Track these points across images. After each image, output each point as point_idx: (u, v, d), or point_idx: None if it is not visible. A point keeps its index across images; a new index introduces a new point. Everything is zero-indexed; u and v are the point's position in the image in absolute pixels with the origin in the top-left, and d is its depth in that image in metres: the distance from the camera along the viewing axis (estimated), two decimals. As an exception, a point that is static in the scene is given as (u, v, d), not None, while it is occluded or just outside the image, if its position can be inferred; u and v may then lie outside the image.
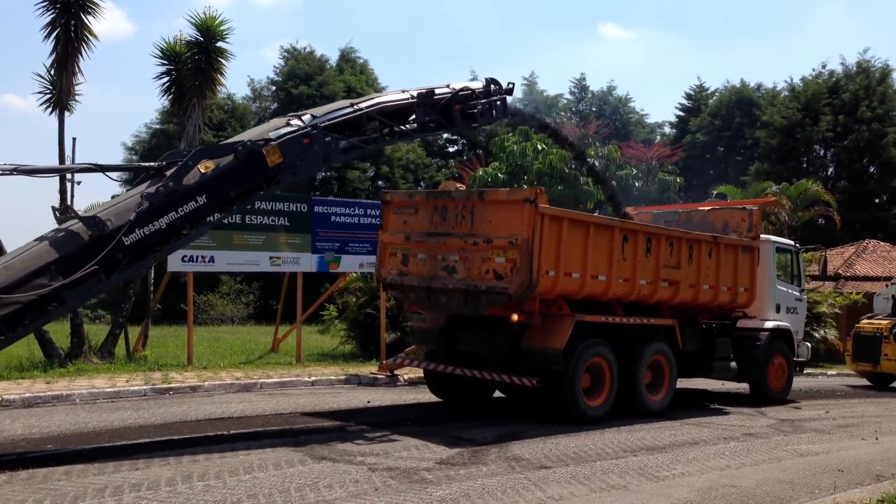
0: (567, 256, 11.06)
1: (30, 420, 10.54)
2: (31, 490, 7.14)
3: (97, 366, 15.36)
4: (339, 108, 11.13)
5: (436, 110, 11.98)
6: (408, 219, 12.00)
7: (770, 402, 14.84)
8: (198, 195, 9.48)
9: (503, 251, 10.73)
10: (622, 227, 12.07)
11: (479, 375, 11.70)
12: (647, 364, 12.44)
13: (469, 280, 11.07)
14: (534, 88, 60.82)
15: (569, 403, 11.28)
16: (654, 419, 12.39)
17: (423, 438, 9.97)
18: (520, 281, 10.57)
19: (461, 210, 11.34)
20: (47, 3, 15.65)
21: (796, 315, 16.17)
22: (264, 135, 10.18)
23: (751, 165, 49.01)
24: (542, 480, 8.10)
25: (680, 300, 13.04)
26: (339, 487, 7.50)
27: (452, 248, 11.31)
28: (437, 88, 12.13)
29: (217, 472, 7.91)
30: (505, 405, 13.21)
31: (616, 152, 32.17)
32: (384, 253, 12.23)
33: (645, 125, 61.25)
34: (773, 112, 50.02)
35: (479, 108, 12.53)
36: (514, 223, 10.72)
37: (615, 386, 11.85)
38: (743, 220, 14.55)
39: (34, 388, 12.60)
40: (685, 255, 12.91)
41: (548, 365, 11.08)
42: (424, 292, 11.74)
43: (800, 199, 28.73)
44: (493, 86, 12.93)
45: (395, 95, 11.95)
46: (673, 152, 38.64)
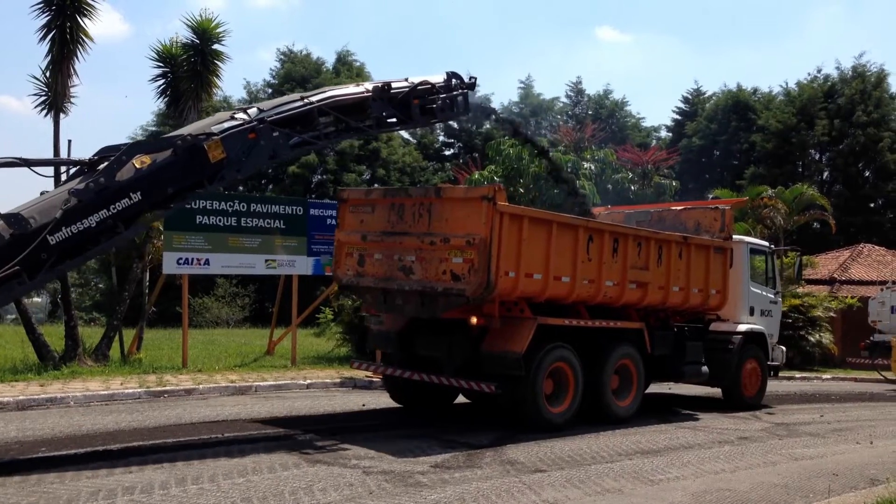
0: (528, 257, 10.61)
1: (24, 423, 10.51)
2: (24, 493, 7.12)
3: (91, 368, 15.32)
4: (288, 101, 10.72)
5: (393, 105, 11.50)
6: (364, 217, 11.53)
7: (743, 407, 14.44)
8: (132, 192, 8.92)
9: (461, 251, 10.27)
10: (587, 227, 11.62)
11: (436, 381, 11.27)
12: (613, 369, 12.06)
13: (426, 281, 10.60)
14: (530, 92, 60.93)
15: (529, 410, 10.83)
16: (650, 423, 12.40)
17: (418, 441, 9.96)
18: (477, 282, 10.10)
19: (418, 208, 10.87)
20: (43, 4, 15.62)
21: (771, 318, 15.79)
22: (206, 129, 9.70)
23: (746, 169, 49.11)
24: (536, 484, 8.09)
25: (648, 302, 12.66)
26: (333, 491, 7.49)
27: (409, 247, 10.83)
28: (394, 82, 11.69)
29: (211, 475, 7.90)
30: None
31: (612, 156, 32.14)
32: (340, 253, 11.78)
33: (641, 129, 61.31)
34: (768, 116, 50.15)
35: (440, 103, 11.99)
36: (471, 222, 10.25)
37: (579, 391, 11.42)
38: (715, 221, 14.18)
39: (28, 391, 12.57)
40: (654, 256, 12.52)
41: (508, 370, 10.64)
42: (381, 294, 11.28)
43: (795, 203, 28.74)
44: (454, 80, 12.40)
45: (349, 89, 11.47)
46: (669, 156, 38.61)
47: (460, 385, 11.10)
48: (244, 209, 16.68)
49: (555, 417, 11.08)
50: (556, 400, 11.20)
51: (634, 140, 51.20)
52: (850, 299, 27.80)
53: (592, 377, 11.68)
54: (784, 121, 48.40)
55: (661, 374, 13.61)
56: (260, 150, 9.96)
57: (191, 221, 16.07)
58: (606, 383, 11.90)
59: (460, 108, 12.55)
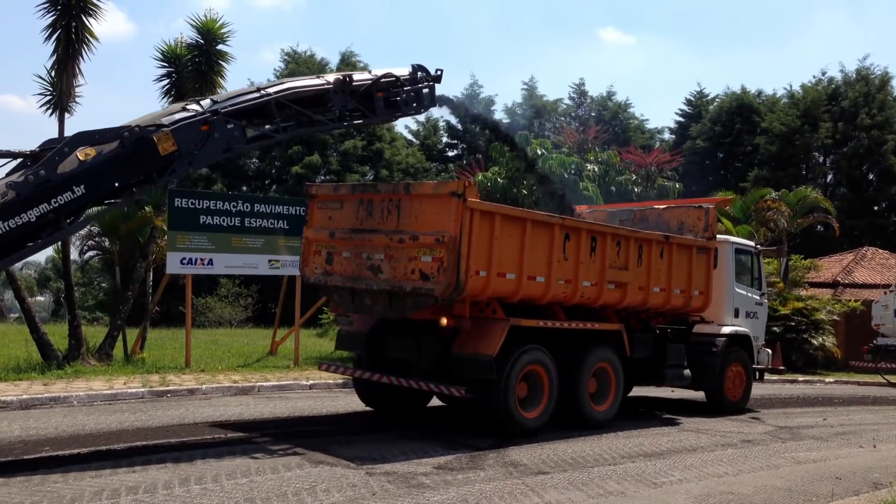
0: (501, 255, 10.24)
1: (27, 422, 10.53)
2: (28, 492, 7.13)
3: (95, 368, 15.35)
4: (243, 93, 10.34)
5: (356, 98, 11.11)
6: (333, 214, 11.17)
7: (726, 411, 14.15)
8: (75, 185, 8.53)
9: (430, 249, 9.90)
10: (563, 225, 11.18)
11: (405, 384, 10.83)
12: (590, 372, 11.64)
13: (394, 280, 10.24)
14: (533, 93, 60.91)
15: (501, 414, 10.41)
16: (653, 425, 12.39)
17: (420, 443, 9.96)
18: (446, 282, 9.73)
19: (387, 205, 10.50)
20: (48, 4, 15.64)
21: (756, 320, 15.43)
22: (156, 120, 9.28)
23: (750, 172, 49.05)
24: (539, 486, 8.09)
25: (628, 304, 12.28)
26: (336, 492, 7.49)
27: (378, 245, 10.47)
28: (356, 74, 11.43)
29: (214, 475, 7.90)
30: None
31: (615, 158, 32.14)
32: (308, 251, 11.39)
33: (644, 131, 61.25)
34: (772, 119, 50.09)
35: (404, 96, 11.66)
36: (441, 219, 9.88)
37: (554, 396, 11.01)
38: (699, 220, 13.80)
39: (32, 390, 12.59)
40: (634, 256, 12.14)
41: (479, 373, 10.23)
42: (349, 293, 10.88)
43: (799, 206, 28.71)
44: (420, 73, 12.03)
45: (308, 81, 11.11)
46: (672, 158, 38.56)
47: (429, 388, 10.75)
48: (248, 209, 16.71)
49: (528, 422, 10.67)
50: (530, 404, 10.80)
51: (638, 142, 51.16)
52: (853, 303, 27.77)
53: (569, 381, 11.30)
54: (788, 123, 48.35)
55: (641, 378, 13.29)
56: (214, 143, 9.64)
57: (194, 222, 16.11)
58: (583, 387, 11.50)
59: (426, 102, 12.19)
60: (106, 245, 18.09)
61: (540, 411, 10.87)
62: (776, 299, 26.36)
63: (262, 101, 10.23)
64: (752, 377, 14.94)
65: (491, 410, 10.48)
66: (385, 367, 11.38)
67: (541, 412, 10.87)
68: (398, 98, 11.66)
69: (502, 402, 10.33)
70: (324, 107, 11.03)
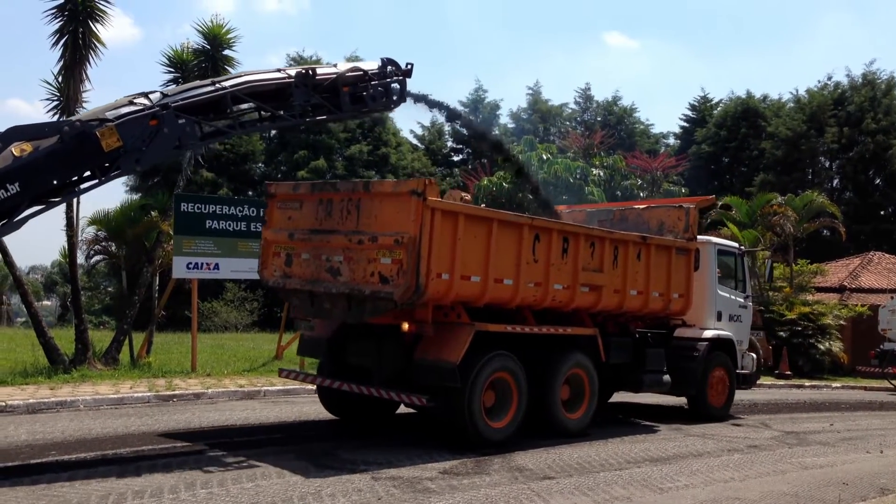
0: (465, 257, 9.77)
1: (34, 426, 10.55)
2: (34, 497, 7.15)
3: (101, 372, 15.37)
4: (197, 86, 9.88)
5: (320, 93, 10.65)
6: (292, 214, 10.71)
7: (709, 418, 13.70)
8: (8, 183, 8.10)
9: (389, 251, 9.47)
10: (532, 226, 10.69)
11: (365, 392, 10.42)
12: (563, 379, 11.15)
13: (353, 284, 9.79)
14: (538, 98, 60.97)
15: (464, 424, 9.89)
16: (658, 430, 12.37)
17: (426, 447, 9.96)
18: (406, 285, 9.29)
19: (347, 204, 10.03)
20: (55, 10, 15.70)
21: (740, 323, 14.95)
22: (100, 114, 8.78)
23: (755, 176, 48.98)
24: (545, 491, 8.09)
25: (603, 307, 11.81)
26: (342, 496, 7.49)
27: (337, 247, 10.02)
28: (321, 68, 10.94)
29: (220, 480, 7.91)
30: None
31: (621, 162, 32.20)
32: (267, 253, 10.91)
33: (650, 135, 61.25)
34: (778, 123, 50.04)
35: (371, 91, 11.13)
36: (400, 219, 9.43)
37: (523, 404, 10.50)
38: (679, 220, 13.33)
39: (38, 394, 12.61)
40: (609, 258, 11.66)
41: (442, 381, 9.75)
42: (307, 297, 10.44)
43: (805, 211, 28.67)
44: (389, 67, 11.51)
45: (268, 74, 10.58)
46: (678, 163, 38.58)
47: (389, 397, 10.20)
48: (254, 214, 16.73)
49: (494, 433, 10.16)
50: (498, 413, 10.32)
51: (643, 146, 51.14)
52: (859, 307, 27.68)
53: (540, 388, 10.86)
54: (794, 128, 48.29)
55: (617, 384, 12.97)
56: (163, 139, 9.13)
57: (201, 226, 16.15)
58: (555, 394, 11.03)
59: (396, 98, 11.67)
60: (112, 249, 18.10)
61: (508, 421, 10.37)
62: (782, 304, 26.34)
63: (216, 95, 9.74)
64: (736, 383, 14.50)
65: (455, 420, 9.99)
66: (347, 373, 10.94)
67: (509, 422, 10.37)
68: (365, 93, 11.14)
69: (466, 411, 9.83)
70: (286, 102, 10.56)
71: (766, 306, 25.34)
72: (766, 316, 24.54)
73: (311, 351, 11.87)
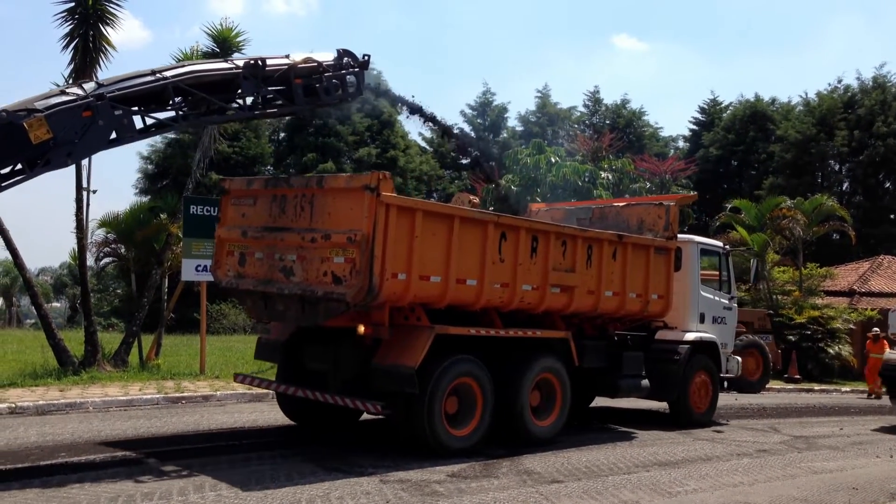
0: (424, 256, 9.29)
1: (43, 428, 10.58)
2: (44, 498, 7.18)
3: (110, 374, 15.42)
4: (136, 76, 9.30)
5: (271, 85, 10.22)
6: (246, 211, 10.23)
7: (690, 424, 13.17)
8: None
9: (342, 249, 8.97)
10: (499, 223, 10.17)
11: (320, 398, 9.92)
12: (532, 384, 10.59)
13: (306, 284, 9.31)
14: (547, 101, 60.95)
15: (425, 432, 9.40)
16: (668, 434, 12.33)
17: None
18: (358, 285, 8.80)
19: (300, 200, 9.56)
20: (66, 14, 15.78)
21: (724, 325, 14.41)
22: (29, 105, 8.25)
23: (765, 180, 48.89)
24: (553, 495, 8.08)
25: (576, 309, 11.30)
26: (350, 499, 7.50)
27: (291, 245, 9.53)
28: (271, 59, 10.43)
29: (229, 482, 7.92)
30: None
31: (630, 166, 32.15)
32: (221, 251, 10.43)
33: (659, 139, 61.15)
34: (787, 126, 49.93)
35: (325, 83, 10.74)
36: (353, 216, 8.96)
37: (488, 411, 10.00)
38: (659, 218, 12.78)
39: (48, 396, 12.66)
40: (582, 257, 11.14)
41: (400, 387, 9.23)
42: (261, 298, 9.97)
43: (814, 214, 28.59)
44: (346, 58, 11.12)
45: (214, 64, 10.20)
46: (686, 166, 38.53)
47: (344, 403, 9.63)
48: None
49: (455, 441, 9.69)
50: (461, 420, 9.85)
51: (652, 150, 51.07)
52: (869, 311, 27.59)
53: (507, 394, 10.33)
54: (803, 131, 48.18)
55: (592, 389, 12.57)
56: (98, 131, 8.64)
57: (210, 229, 16.09)
58: (523, 401, 10.46)
59: (352, 90, 11.27)
60: (122, 252, 18.18)
61: (472, 429, 9.91)
62: (792, 308, 26.26)
63: (157, 86, 9.25)
64: (719, 387, 14.05)
65: (413, 428, 9.51)
66: (304, 378, 10.49)
67: (472, 430, 9.91)
68: (318, 85, 10.76)
69: (426, 418, 9.34)
70: (235, 93, 10.15)
71: (775, 310, 25.28)
72: (776, 320, 24.48)
73: (267, 355, 11.38)
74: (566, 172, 28.07)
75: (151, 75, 9.32)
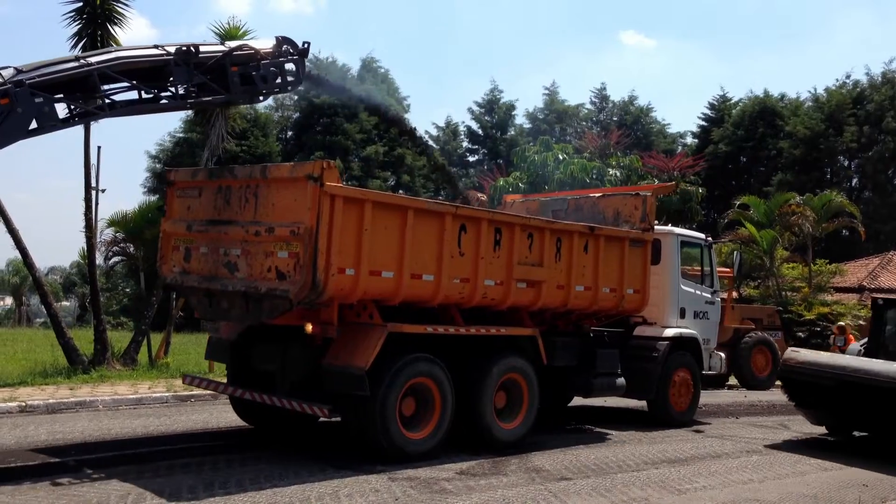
0: (374, 250, 8.78)
1: (53, 426, 10.63)
2: (54, 496, 7.21)
3: (120, 372, 15.49)
4: (58, 62, 8.87)
5: (203, 72, 9.81)
6: (192, 203, 9.73)
7: (670, 423, 12.64)
8: None
9: (286, 243, 8.51)
10: (457, 215, 9.64)
11: (267, 401, 9.43)
12: (496, 384, 10.06)
13: (250, 280, 8.84)
14: (555, 98, 60.93)
15: (378, 436, 8.88)
16: (676, 430, 12.30)
17: (443, 448, 9.92)
18: (301, 281, 8.32)
19: (245, 192, 9.08)
20: (74, 13, 15.84)
21: (707, 321, 13.87)
22: None
23: (774, 176, 48.75)
24: (562, 492, 8.07)
25: (545, 305, 10.74)
26: (359, 497, 7.51)
27: (235, 239, 9.06)
28: (204, 45, 10.13)
29: (238, 479, 7.94)
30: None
31: (638, 162, 32.10)
32: (166, 246, 9.96)
33: (667, 135, 61.02)
34: (796, 122, 49.76)
35: (262, 71, 10.36)
36: (297, 207, 8.49)
37: (448, 412, 9.48)
38: (636, 209, 12.19)
39: (58, 395, 12.72)
40: (550, 250, 10.58)
41: (350, 388, 8.73)
42: (205, 295, 9.52)
43: (824, 211, 28.50)
44: (285, 46, 10.79)
45: (142, 50, 9.66)
46: (695, 163, 38.40)
47: (291, 406, 9.11)
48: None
49: (412, 445, 9.17)
50: (419, 423, 9.36)
51: (660, 146, 51.01)
52: (879, 308, 27.47)
53: (469, 395, 9.81)
54: (812, 127, 48.03)
55: (563, 388, 12.02)
56: (16, 120, 8.27)
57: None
58: (485, 402, 9.93)
59: (292, 79, 10.96)
60: (130, 251, 18.26)
61: (429, 431, 9.39)
62: (801, 304, 26.18)
63: (81, 72, 8.83)
64: (700, 385, 13.51)
65: (366, 431, 8.99)
66: (254, 380, 10.01)
67: (430, 432, 9.39)
68: (255, 73, 10.36)
69: (378, 421, 8.83)
70: (166, 81, 9.73)
71: (784, 307, 25.21)
72: (785, 316, 24.41)
73: (217, 355, 10.99)
74: (574, 169, 28.03)
75: (75, 61, 8.96)
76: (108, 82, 9.16)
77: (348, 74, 51.33)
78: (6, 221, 15.60)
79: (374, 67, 53.06)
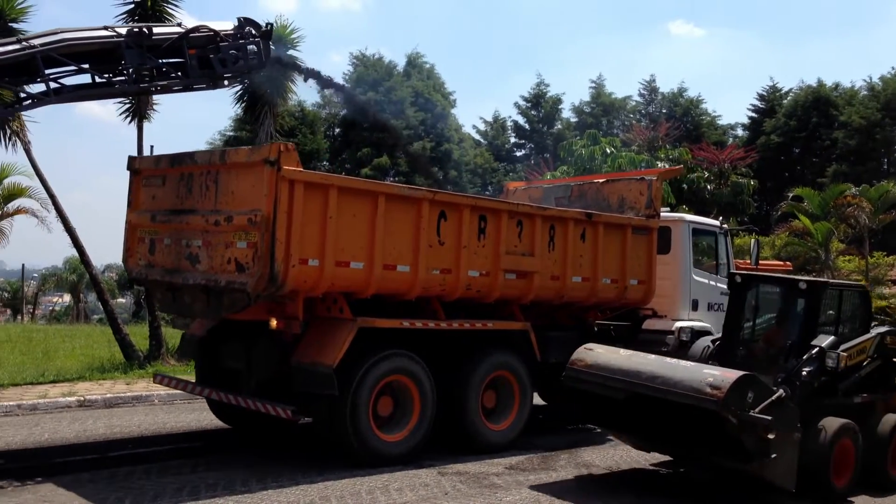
0: (341, 239, 8.27)
1: (111, 420, 10.87)
2: (112, 488, 7.38)
3: (174, 368, 15.74)
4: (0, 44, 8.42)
5: (159, 55, 9.31)
6: (156, 192, 9.24)
7: None
8: None
9: (245, 233, 8.00)
10: (435, 201, 9.05)
11: (233, 401, 8.96)
12: (483, 383, 9.44)
13: (210, 273, 8.35)
14: (602, 91, 60.37)
15: (348, 438, 8.36)
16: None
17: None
18: (259, 273, 7.82)
19: (206, 179, 8.55)
20: (126, 14, 16.10)
21: (722, 313, 11.93)
22: None
23: (828, 167, 47.67)
24: (611, 487, 8.02)
25: (537, 297, 10.09)
26: (409, 491, 7.55)
27: (196, 229, 8.57)
28: (158, 27, 9.67)
29: (290, 473, 8.04)
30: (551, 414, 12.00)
31: (687, 155, 31.66)
32: (132, 238, 9.46)
33: (717, 127, 59.95)
34: (851, 112, 48.57)
35: (222, 53, 9.78)
36: (255, 194, 7.98)
37: (428, 412, 8.92)
38: (641, 195, 11.47)
39: (115, 389, 12.99)
40: (542, 239, 9.95)
41: (318, 388, 8.24)
42: (168, 290, 9.10)
43: (881, 202, 27.79)
44: (247, 27, 10.20)
45: (89, 32, 9.06)
46: (746, 154, 37.73)
47: (256, 407, 8.61)
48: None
49: (388, 447, 8.63)
50: (396, 424, 8.82)
51: (710, 138, 50.09)
52: (937, 301, 26.76)
53: (454, 394, 9.25)
54: (867, 116, 46.86)
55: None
56: None
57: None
58: (471, 401, 9.31)
59: (254, 61, 10.31)
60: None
61: (407, 433, 8.82)
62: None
63: (23, 55, 8.37)
64: None
65: (338, 433, 8.46)
66: (223, 378, 9.54)
67: (409, 434, 8.83)
68: (212, 56, 9.82)
69: (349, 422, 8.31)
70: (118, 64, 9.22)
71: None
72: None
73: (188, 352, 10.60)
74: (622, 163, 27.72)
75: (17, 43, 8.49)
76: (53, 66, 8.70)
77: (395, 70, 51.53)
78: (63, 221, 15.99)
79: (419, 63, 53.05)
